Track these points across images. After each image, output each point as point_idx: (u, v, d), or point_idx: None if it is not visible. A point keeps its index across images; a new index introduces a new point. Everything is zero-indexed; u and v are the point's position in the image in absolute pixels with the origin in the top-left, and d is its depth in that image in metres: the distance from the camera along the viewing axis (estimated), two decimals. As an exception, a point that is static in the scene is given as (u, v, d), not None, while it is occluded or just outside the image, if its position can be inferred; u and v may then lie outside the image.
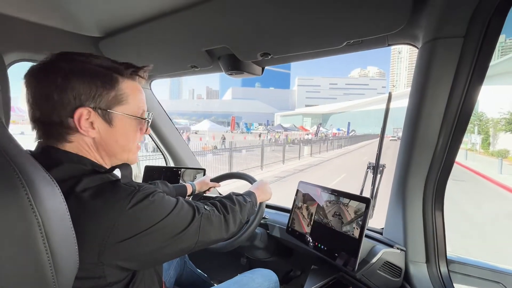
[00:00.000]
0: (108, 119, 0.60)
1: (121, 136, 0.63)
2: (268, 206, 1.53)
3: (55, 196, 0.45)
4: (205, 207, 0.70)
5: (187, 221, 0.62)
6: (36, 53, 1.03)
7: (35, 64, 0.58)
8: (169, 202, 0.61)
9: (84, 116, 0.57)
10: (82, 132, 0.58)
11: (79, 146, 0.59)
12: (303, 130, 41.46)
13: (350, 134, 33.03)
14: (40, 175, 0.44)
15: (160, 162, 1.99)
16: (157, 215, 0.57)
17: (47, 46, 0.60)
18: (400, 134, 1.15)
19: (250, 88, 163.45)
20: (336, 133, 41.72)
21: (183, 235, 0.61)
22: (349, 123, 37.51)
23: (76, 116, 0.56)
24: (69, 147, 0.59)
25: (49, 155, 0.57)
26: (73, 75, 0.56)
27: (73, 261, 0.47)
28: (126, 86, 0.62)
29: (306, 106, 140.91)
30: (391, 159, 1.21)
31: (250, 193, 0.95)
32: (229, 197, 0.84)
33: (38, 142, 0.60)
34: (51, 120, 0.56)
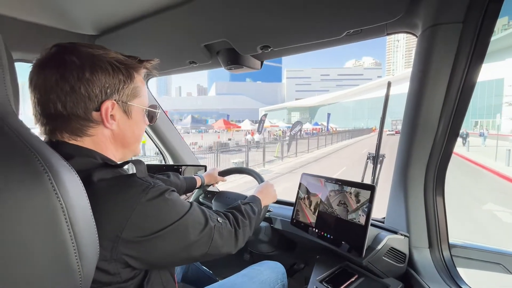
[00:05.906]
0: (128, 111, 0.63)
1: (136, 127, 0.66)
2: None
3: (76, 183, 0.44)
4: (218, 219, 0.69)
5: (199, 228, 0.62)
6: (30, 53, 0.99)
7: (42, 57, 0.56)
8: (183, 204, 0.61)
9: (109, 109, 0.58)
10: (106, 124, 0.59)
11: (98, 139, 0.59)
12: (231, 128, 25.30)
13: (304, 132, 21.34)
14: (59, 162, 0.42)
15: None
16: (172, 215, 0.56)
17: (42, 45, 0.58)
18: (399, 127, 1.15)
19: (236, 82, 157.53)
20: (315, 129, 32.57)
21: (194, 243, 0.60)
22: (328, 114, 29.43)
23: (103, 109, 0.57)
24: (87, 140, 0.58)
25: (58, 150, 0.55)
26: (98, 68, 0.56)
27: (95, 249, 0.47)
28: (138, 79, 0.64)
29: (296, 99, 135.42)
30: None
31: (255, 199, 0.94)
32: (239, 209, 0.83)
33: (44, 138, 0.59)
34: (73, 114, 0.55)
